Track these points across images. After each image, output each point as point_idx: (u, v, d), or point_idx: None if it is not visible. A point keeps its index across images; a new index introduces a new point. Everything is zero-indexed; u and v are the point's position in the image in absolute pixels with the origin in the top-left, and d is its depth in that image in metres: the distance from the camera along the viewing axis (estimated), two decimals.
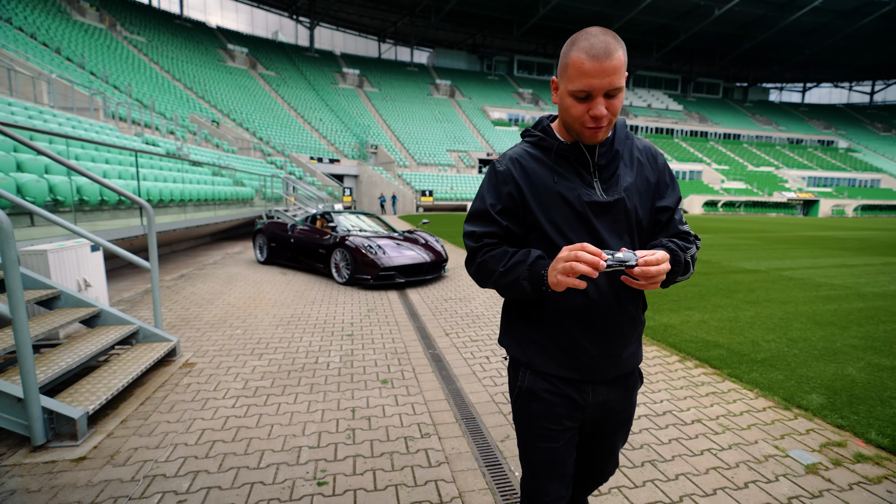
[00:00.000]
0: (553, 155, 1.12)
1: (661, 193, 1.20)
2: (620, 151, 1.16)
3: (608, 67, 0.97)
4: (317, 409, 2.77)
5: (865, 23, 50.96)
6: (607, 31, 1.01)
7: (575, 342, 1.13)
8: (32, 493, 1.93)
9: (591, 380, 1.16)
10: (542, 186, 1.11)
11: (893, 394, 2.98)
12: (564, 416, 1.17)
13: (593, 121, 1.03)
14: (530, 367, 1.19)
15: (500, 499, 1.96)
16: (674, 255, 1.08)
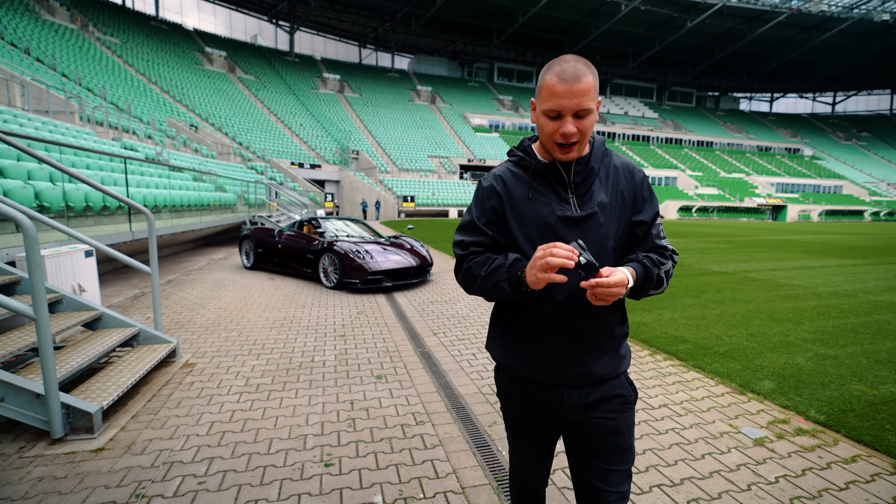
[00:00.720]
0: (530, 173, 1.21)
1: (639, 208, 1.24)
2: (596, 169, 1.22)
3: (577, 90, 1.06)
4: (317, 402, 2.97)
5: (826, 38, 53.60)
6: (580, 58, 1.10)
7: (546, 348, 1.20)
8: (59, 479, 2.09)
9: (564, 384, 1.22)
10: (520, 201, 1.20)
11: (833, 378, 3.35)
12: (540, 416, 1.26)
13: (563, 138, 1.10)
14: (508, 371, 1.29)
15: (489, 474, 2.21)
16: (646, 270, 1.14)
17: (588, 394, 1.22)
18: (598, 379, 1.22)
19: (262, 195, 15.93)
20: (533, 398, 1.25)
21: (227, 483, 2.10)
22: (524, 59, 65.46)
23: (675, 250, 1.26)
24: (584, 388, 1.22)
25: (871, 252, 12.86)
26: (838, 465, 2.29)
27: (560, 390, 1.22)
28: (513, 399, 1.29)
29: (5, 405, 2.36)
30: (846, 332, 4.59)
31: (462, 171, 41.74)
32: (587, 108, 1.08)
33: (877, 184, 56.84)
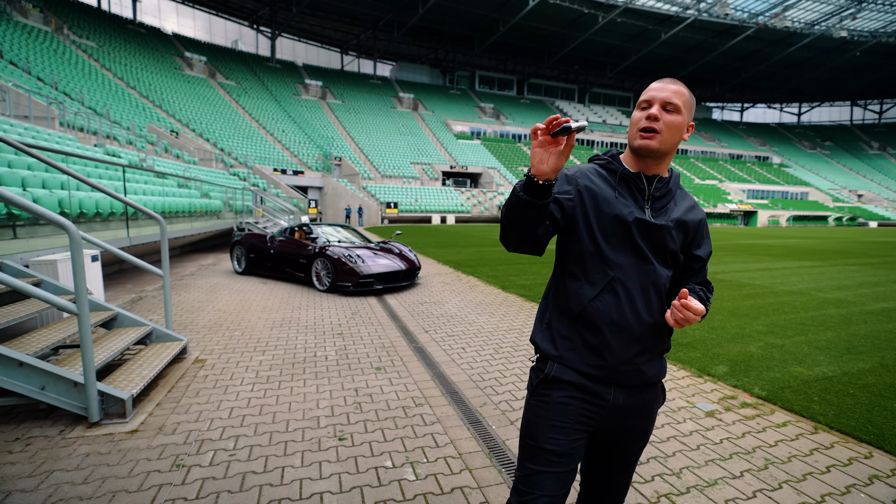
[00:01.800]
0: (617, 177, 1.27)
1: (699, 244, 1.33)
2: (674, 191, 1.30)
3: (669, 87, 1.19)
4: (325, 390, 3.29)
5: (790, 52, 56.21)
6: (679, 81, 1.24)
7: (604, 342, 1.21)
8: (104, 454, 2.37)
9: (614, 382, 1.24)
10: (602, 199, 1.25)
11: (777, 363, 3.83)
12: (581, 412, 1.24)
13: (647, 120, 1.18)
14: (559, 361, 1.26)
15: (481, 443, 2.57)
16: (703, 301, 1.26)
17: (631, 395, 1.26)
18: (645, 380, 1.26)
19: (248, 202, 16.03)
20: (581, 388, 1.24)
21: (255, 455, 2.41)
22: (505, 67, 66.63)
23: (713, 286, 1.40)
24: (630, 389, 1.25)
25: (829, 255, 13.74)
26: (771, 428, 2.74)
27: (609, 388, 1.24)
28: (560, 383, 1.25)
29: (46, 393, 2.62)
30: (794, 325, 5.13)
31: (444, 177, 42.24)
32: (675, 103, 1.18)
33: (839, 190, 59.58)
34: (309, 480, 2.19)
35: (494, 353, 4.16)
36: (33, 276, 3.54)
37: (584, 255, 1.24)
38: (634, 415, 1.28)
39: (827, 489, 2.17)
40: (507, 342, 4.50)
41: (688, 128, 1.23)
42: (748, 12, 52.05)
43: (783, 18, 51.26)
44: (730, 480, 2.23)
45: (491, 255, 12.21)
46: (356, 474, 2.25)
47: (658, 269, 1.23)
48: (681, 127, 1.20)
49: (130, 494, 2.05)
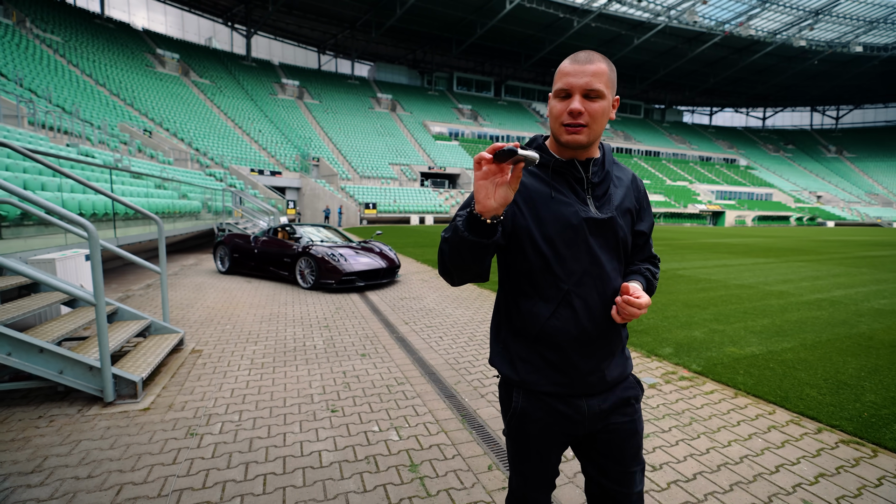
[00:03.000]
0: (550, 171, 1.15)
1: (641, 217, 1.25)
2: (611, 173, 1.20)
3: (587, 69, 1.05)
4: (315, 373, 3.64)
5: (755, 59, 58.73)
6: (596, 52, 1.09)
7: (565, 358, 1.15)
8: (123, 427, 2.68)
9: (581, 393, 1.18)
10: (540, 201, 1.13)
11: (716, 345, 4.38)
12: (559, 433, 1.20)
13: (570, 116, 1.06)
14: (523, 387, 1.19)
15: (456, 413, 2.98)
16: (649, 283, 1.22)
17: (605, 399, 1.20)
18: (612, 383, 1.20)
19: (228, 203, 16.06)
20: (553, 413, 1.18)
21: (258, 425, 2.76)
22: (483, 69, 67.41)
23: (659, 258, 1.33)
24: (601, 395, 1.20)
25: (783, 252, 14.72)
26: (700, 395, 3.24)
27: (580, 400, 1.18)
28: (531, 418, 1.19)
29: (64, 376, 2.91)
30: (737, 314, 5.73)
31: (423, 178, 42.60)
32: (597, 88, 1.05)
33: (800, 192, 62.53)
34: (308, 442, 2.56)
35: (468, 341, 4.58)
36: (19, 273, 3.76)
37: (533, 271, 1.14)
38: (617, 412, 1.22)
39: (733, 436, 2.66)
40: (481, 332, 4.93)
41: (613, 104, 1.12)
42: (715, 20, 54.15)
43: (748, 27, 53.54)
44: (660, 434, 2.70)
45: None
46: (348, 437, 2.63)
47: (612, 266, 1.16)
48: (607, 110, 1.09)
49: (154, 456, 2.38)
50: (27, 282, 3.57)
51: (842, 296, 7.01)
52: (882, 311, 5.98)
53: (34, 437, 2.54)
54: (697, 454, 2.48)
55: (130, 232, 7.13)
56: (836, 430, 2.75)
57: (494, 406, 3.05)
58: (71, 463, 2.29)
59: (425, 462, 2.38)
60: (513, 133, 56.84)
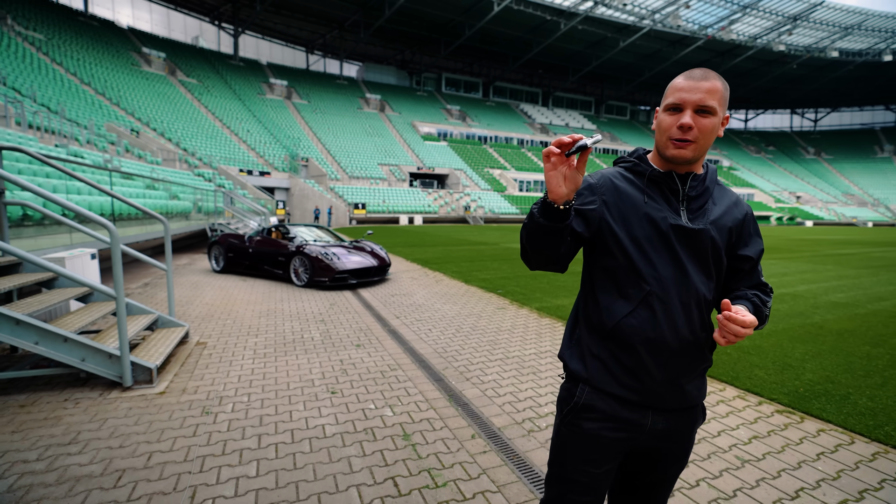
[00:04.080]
0: (646, 179, 1.17)
1: (746, 242, 1.21)
2: (710, 189, 1.19)
3: (701, 86, 1.05)
4: (315, 361, 3.96)
5: (736, 62, 60.07)
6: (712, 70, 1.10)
7: (640, 362, 1.12)
8: (143, 408, 2.97)
9: (652, 405, 1.15)
10: (630, 206, 1.15)
11: None
12: (614, 442, 1.16)
13: (680, 131, 1.07)
14: (589, 384, 1.16)
15: (443, 393, 3.32)
16: (757, 309, 1.12)
17: (670, 419, 1.17)
18: (687, 402, 1.17)
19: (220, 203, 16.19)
20: (616, 415, 1.15)
21: (266, 404, 3.07)
22: (471, 70, 67.86)
23: (772, 288, 1.26)
24: (670, 413, 1.17)
25: None
26: None
27: (646, 412, 1.15)
28: (592, 414, 1.16)
29: (86, 363, 3.18)
30: None
31: (412, 178, 42.87)
32: (709, 105, 1.06)
33: (780, 192, 64.13)
34: (312, 418, 2.88)
35: (455, 333, 4.92)
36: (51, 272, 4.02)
37: (616, 269, 1.15)
38: (674, 438, 1.19)
39: None
40: (467, 324, 5.28)
41: (723, 122, 1.12)
42: (698, 24, 55.34)
43: (729, 31, 54.85)
44: None
45: (456, 253, 13.02)
46: (347, 413, 2.96)
47: (700, 279, 1.13)
48: (717, 128, 1.10)
49: (175, 430, 2.68)
50: (45, 278, 3.82)
51: (804, 290, 7.51)
52: (837, 303, 6.47)
53: (64, 416, 2.82)
54: None
55: (129, 232, 7.33)
56: (773, 402, 3.16)
57: (479, 388, 3.40)
58: (102, 436, 2.59)
59: (416, 432, 2.72)
60: (501, 133, 57.39)
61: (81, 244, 5.48)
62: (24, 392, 3.17)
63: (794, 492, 2.17)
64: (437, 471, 2.32)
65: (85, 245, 5.44)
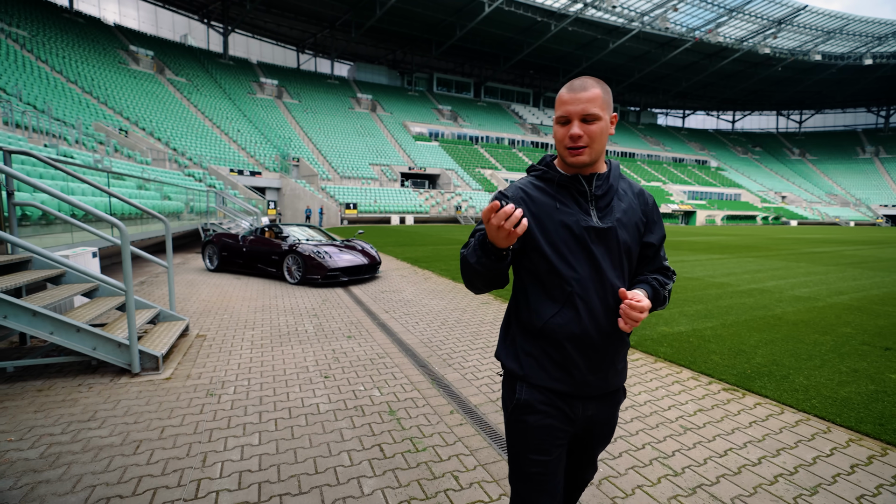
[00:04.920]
0: (555, 185, 1.26)
1: (650, 230, 1.32)
2: (615, 186, 1.29)
3: (582, 97, 1.16)
4: (308, 351, 4.26)
5: (723, 64, 61.15)
6: (590, 77, 1.20)
7: (568, 357, 1.21)
8: (152, 391, 3.25)
9: (581, 395, 1.24)
10: (546, 213, 1.23)
11: (652, 325, 5.16)
12: (557, 430, 1.25)
13: (571, 140, 1.18)
14: (526, 381, 1.25)
15: (427, 377, 3.64)
16: (655, 291, 1.25)
17: (597, 405, 1.29)
18: (612, 387, 1.29)
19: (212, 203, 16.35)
20: (554, 407, 1.24)
21: (265, 387, 3.37)
22: (462, 70, 68.23)
23: (674, 271, 1.38)
24: (597, 399, 1.27)
25: (738, 249, 15.88)
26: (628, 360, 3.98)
27: (577, 402, 1.25)
28: (533, 409, 1.25)
29: (97, 352, 3.45)
30: (679, 301, 6.56)
31: (403, 178, 43.10)
32: (593, 113, 1.16)
33: (766, 192, 65.34)
34: (307, 398, 3.19)
35: (441, 326, 5.25)
36: (59, 268, 4.27)
37: (540, 273, 1.24)
38: (601, 422, 1.32)
39: (644, 389, 3.39)
40: (452, 318, 5.61)
41: (611, 121, 1.22)
42: (686, 27, 56.21)
43: (716, 34, 55.78)
44: None
45: (445, 252, 13.35)
46: (339, 394, 3.27)
47: (614, 273, 1.23)
48: (606, 129, 1.21)
49: (183, 409, 2.97)
50: (54, 274, 4.07)
51: (773, 286, 7.95)
52: (799, 297, 6.91)
53: (80, 398, 3.10)
54: None
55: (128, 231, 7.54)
56: (722, 382, 3.53)
57: (460, 373, 3.73)
58: (118, 414, 2.87)
59: (402, 409, 3.04)
60: (492, 134, 57.81)
61: (82, 243, 5.71)
62: (40, 378, 3.44)
63: (724, 451, 2.53)
64: (419, 439, 2.64)
65: (86, 244, 5.67)
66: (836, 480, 2.25)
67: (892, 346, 4.40)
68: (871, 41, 58.68)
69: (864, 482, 2.24)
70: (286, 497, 2.07)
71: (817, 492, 2.16)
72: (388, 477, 2.26)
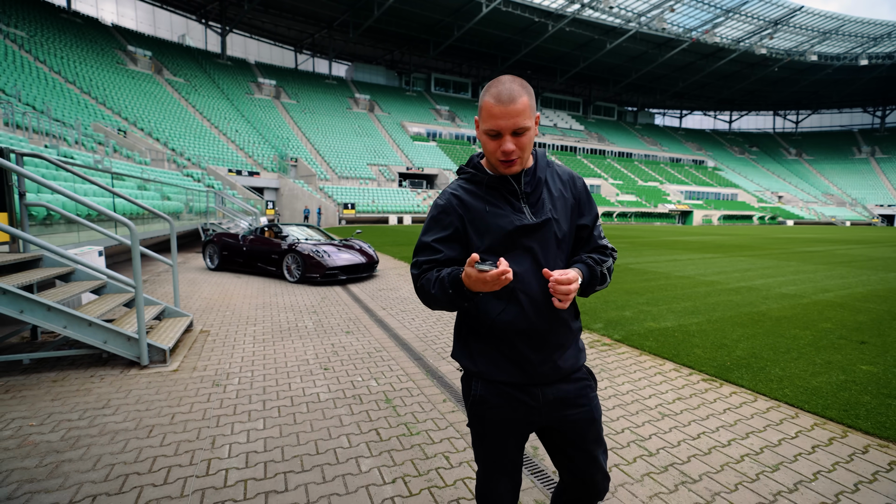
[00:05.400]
0: (484, 187, 1.27)
1: (581, 212, 1.35)
2: (543, 178, 1.30)
3: (512, 111, 1.14)
4: (309, 345, 4.43)
5: (720, 65, 61.48)
6: (515, 78, 1.18)
7: (518, 351, 1.25)
8: (161, 382, 3.43)
9: (537, 382, 1.28)
10: (479, 217, 1.25)
11: (640, 321, 5.35)
12: (516, 421, 1.30)
13: (503, 155, 1.19)
14: (481, 377, 1.29)
15: (422, 369, 3.83)
16: (591, 269, 1.27)
17: (558, 389, 1.30)
18: (564, 373, 1.30)
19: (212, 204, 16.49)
20: (511, 400, 1.28)
21: (268, 379, 3.55)
22: (460, 70, 68.43)
23: (615, 248, 1.40)
24: (554, 385, 1.30)
25: (731, 249, 16.10)
26: (613, 355, 4.18)
27: (534, 389, 1.28)
28: (489, 404, 1.30)
29: (108, 345, 3.62)
30: (668, 299, 6.75)
31: (401, 178, 43.27)
32: (524, 126, 1.17)
33: (763, 192, 65.71)
34: (308, 387, 3.37)
35: (436, 322, 5.43)
36: (69, 266, 4.44)
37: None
38: (570, 404, 1.31)
39: (627, 380, 3.58)
40: (447, 315, 5.79)
41: (536, 122, 1.23)
42: (683, 27, 56.50)
43: (713, 35, 56.10)
44: None
45: None
46: (338, 384, 3.45)
47: (554, 264, 1.26)
48: (533, 135, 1.22)
49: (191, 397, 3.15)
50: (64, 272, 4.24)
51: (761, 284, 8.15)
52: (786, 294, 7.11)
53: (94, 388, 3.27)
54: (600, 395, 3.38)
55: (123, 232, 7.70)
56: (702, 373, 3.72)
57: (453, 365, 3.91)
58: (130, 402, 3.04)
59: (397, 398, 3.22)
60: None
61: (87, 242, 5.88)
62: (54, 370, 3.61)
63: (697, 434, 2.71)
64: (413, 424, 2.82)
65: (92, 243, 5.83)
66: (797, 459, 2.44)
67: (868, 340, 4.60)
68: (867, 42, 59.08)
69: (822, 460, 2.43)
70: (290, 474, 2.25)
71: (779, 469, 2.35)
72: (384, 457, 2.44)
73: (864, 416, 2.91)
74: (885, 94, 72.86)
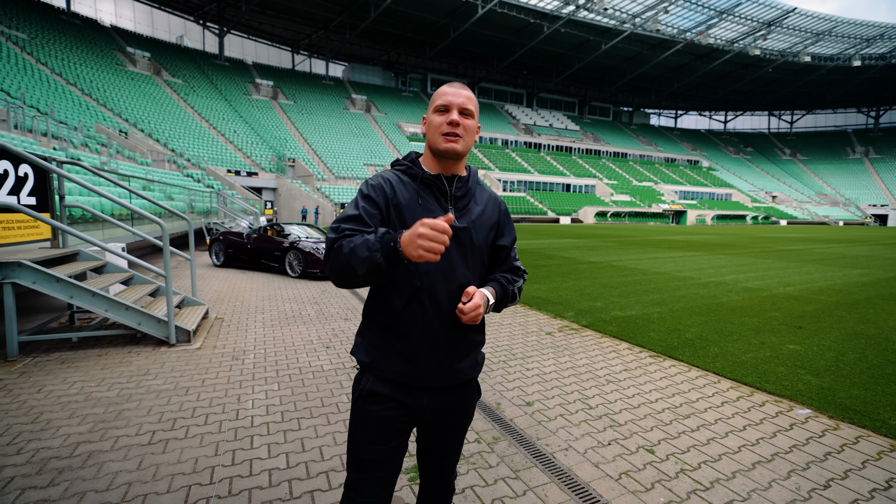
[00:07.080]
0: (418, 181, 1.33)
1: (502, 233, 1.43)
2: (472, 189, 1.38)
3: (462, 93, 1.29)
4: (312, 329, 5.04)
5: (715, 66, 62.20)
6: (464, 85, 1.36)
7: (414, 349, 1.27)
8: (188, 357, 4.03)
9: (425, 386, 1.31)
10: (406, 205, 1.28)
11: (608, 310, 5.97)
12: (397, 420, 1.31)
13: (450, 126, 1.26)
14: (373, 372, 1.32)
15: None
16: (503, 288, 1.36)
17: (444, 398, 1.34)
18: (456, 381, 1.34)
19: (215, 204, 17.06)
20: (396, 399, 1.30)
21: (279, 354, 4.15)
22: (456, 71, 68.98)
23: (525, 270, 1.49)
24: (442, 391, 1.34)
25: (715, 247, 16.76)
26: (577, 337, 4.80)
27: (421, 392, 1.31)
28: (376, 398, 1.30)
29: (142, 326, 4.22)
30: (640, 291, 7.37)
31: None
32: (469, 109, 1.29)
33: (757, 192, 66.47)
34: (313, 361, 3.98)
35: None
36: (101, 260, 5.03)
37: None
38: (449, 413, 1.37)
39: (587, 359, 4.19)
40: None
41: (476, 129, 1.33)
42: (677, 28, 57.18)
43: (707, 36, 56.79)
44: (541, 360, 4.21)
45: None
46: (339, 359, 4.06)
47: (463, 271, 1.30)
48: (475, 130, 1.32)
49: (216, 368, 3.75)
50: (98, 265, 4.83)
51: (730, 279, 8.78)
52: (750, 288, 7.74)
53: (133, 360, 3.87)
54: (559, 367, 4.01)
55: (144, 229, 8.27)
56: (651, 351, 4.34)
57: None
58: (165, 371, 3.65)
59: None
60: (486, 134, 58.59)
61: (112, 239, 6.47)
62: (96, 347, 4.21)
63: (633, 394, 3.33)
64: None
65: (115, 240, 6.42)
66: (706, 410, 3.07)
67: (805, 326, 5.23)
68: (860, 43, 59.88)
69: (725, 411, 3.05)
70: (302, 419, 2.86)
71: (689, 416, 2.98)
72: None
73: (773, 381, 3.54)
74: (879, 94, 73.76)
